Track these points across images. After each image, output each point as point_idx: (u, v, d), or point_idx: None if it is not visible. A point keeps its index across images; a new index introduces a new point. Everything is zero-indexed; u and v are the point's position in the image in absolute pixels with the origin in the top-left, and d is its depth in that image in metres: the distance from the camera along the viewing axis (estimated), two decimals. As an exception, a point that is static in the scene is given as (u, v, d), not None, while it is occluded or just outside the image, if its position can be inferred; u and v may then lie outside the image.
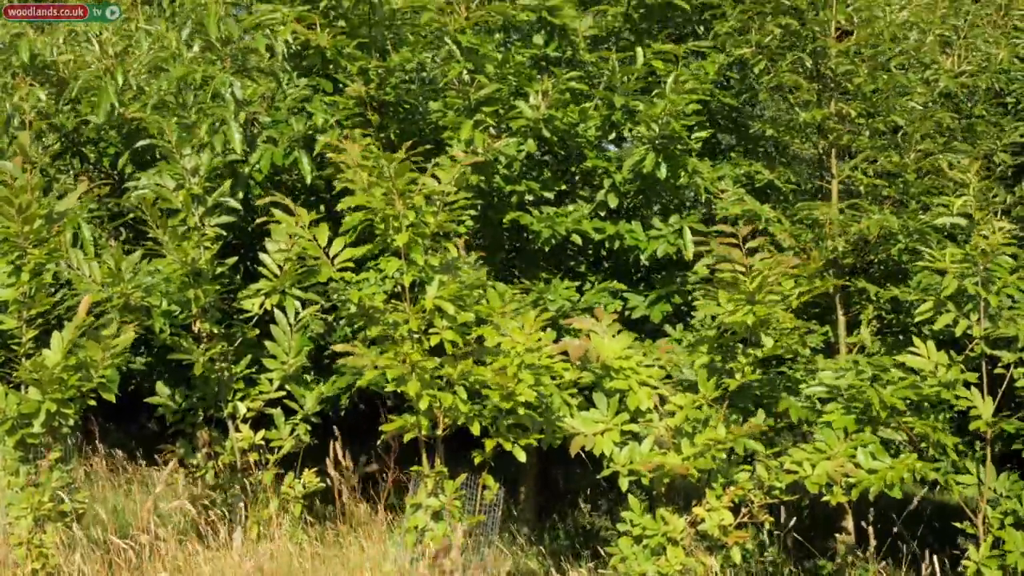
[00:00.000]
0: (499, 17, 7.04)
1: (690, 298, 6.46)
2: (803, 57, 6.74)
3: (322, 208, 6.66)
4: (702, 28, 7.84)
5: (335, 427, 6.19)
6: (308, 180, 6.33)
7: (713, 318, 5.60)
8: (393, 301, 5.54)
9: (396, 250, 5.42)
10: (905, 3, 6.85)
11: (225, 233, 6.11)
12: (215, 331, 6.04)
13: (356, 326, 5.97)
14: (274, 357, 6.05)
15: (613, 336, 5.62)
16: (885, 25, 6.66)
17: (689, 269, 6.82)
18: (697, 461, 5.17)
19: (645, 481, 5.28)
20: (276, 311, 5.95)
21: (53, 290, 5.94)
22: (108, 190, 7.34)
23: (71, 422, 5.29)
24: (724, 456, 5.27)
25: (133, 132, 6.79)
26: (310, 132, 6.38)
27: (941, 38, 6.79)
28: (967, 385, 5.56)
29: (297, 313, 5.96)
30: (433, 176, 5.53)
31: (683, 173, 6.72)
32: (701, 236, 6.52)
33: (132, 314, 5.79)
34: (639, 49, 6.85)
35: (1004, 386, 5.64)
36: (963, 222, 5.77)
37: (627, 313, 6.87)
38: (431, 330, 5.44)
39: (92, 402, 5.33)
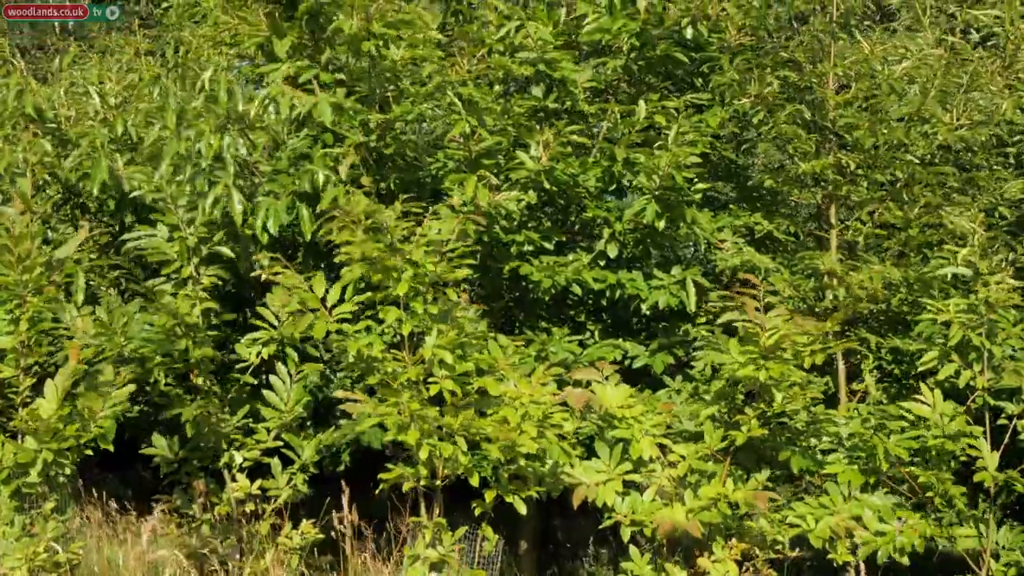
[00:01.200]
0: (500, 70, 7.09)
1: (692, 349, 6.45)
2: (801, 109, 6.79)
3: (322, 264, 6.66)
4: (700, 80, 7.90)
5: (343, 480, 6.14)
6: (308, 237, 6.30)
7: (715, 369, 5.59)
8: (392, 351, 5.53)
9: (395, 299, 5.41)
10: (905, 55, 6.91)
11: (220, 282, 6.10)
12: (211, 382, 6.02)
13: (355, 375, 5.94)
14: (271, 407, 6.02)
15: (615, 386, 5.61)
16: (884, 78, 6.71)
17: (691, 321, 6.81)
18: (701, 515, 5.13)
19: (647, 532, 5.24)
20: (278, 363, 5.94)
21: (51, 338, 5.92)
22: (107, 239, 7.35)
23: (68, 471, 5.24)
24: (729, 510, 5.23)
25: (132, 189, 6.83)
26: (313, 190, 6.37)
27: (943, 92, 6.83)
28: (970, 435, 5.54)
29: (296, 364, 5.95)
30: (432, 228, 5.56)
31: (683, 224, 6.74)
32: (703, 288, 6.53)
33: (127, 365, 5.77)
34: (641, 102, 6.89)
35: (1007, 438, 5.62)
36: (967, 272, 5.79)
37: (627, 363, 6.85)
38: (430, 380, 5.42)
39: (89, 452, 5.29)
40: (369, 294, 5.55)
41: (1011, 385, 5.53)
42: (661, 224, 6.59)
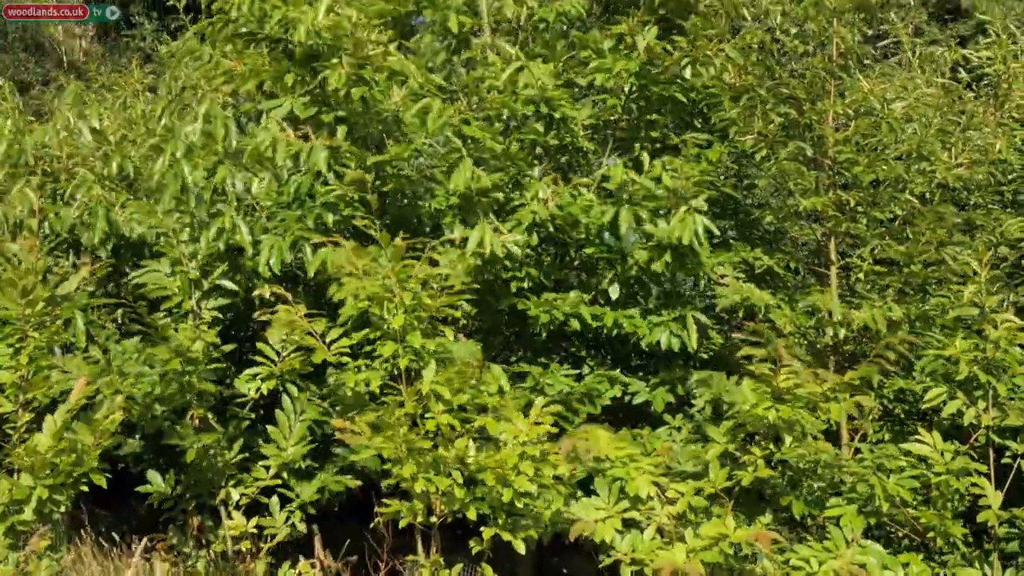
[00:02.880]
0: (501, 108, 7.10)
1: (690, 386, 6.42)
2: (803, 147, 6.81)
3: (322, 299, 6.64)
4: (699, 120, 7.93)
5: (315, 525, 6.10)
6: (311, 273, 6.31)
7: (716, 411, 5.54)
8: (390, 384, 5.51)
9: (393, 334, 5.40)
10: (903, 92, 6.95)
11: (222, 316, 6.08)
12: (209, 416, 5.98)
13: (352, 413, 5.92)
14: (273, 442, 5.97)
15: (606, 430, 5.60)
16: (884, 116, 6.74)
17: (691, 358, 6.78)
18: (703, 554, 5.07)
19: (648, 572, 5.17)
20: (283, 396, 5.91)
21: (47, 372, 5.89)
22: (104, 273, 7.32)
23: (63, 508, 5.19)
24: (731, 550, 5.17)
25: (130, 231, 6.83)
26: (318, 226, 6.38)
27: (940, 131, 6.87)
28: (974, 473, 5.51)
29: (299, 401, 5.93)
30: (431, 261, 5.56)
31: (687, 264, 6.74)
32: (703, 326, 6.51)
33: (125, 401, 5.73)
34: (656, 162, 6.87)
35: (1011, 477, 5.59)
36: (974, 311, 5.79)
37: (627, 399, 6.82)
38: (427, 415, 5.39)
39: (84, 488, 5.24)
40: (367, 330, 5.54)
41: (1016, 423, 5.52)
42: (669, 272, 6.60)
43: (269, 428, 5.97)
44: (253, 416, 6.11)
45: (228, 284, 6.09)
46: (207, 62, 6.96)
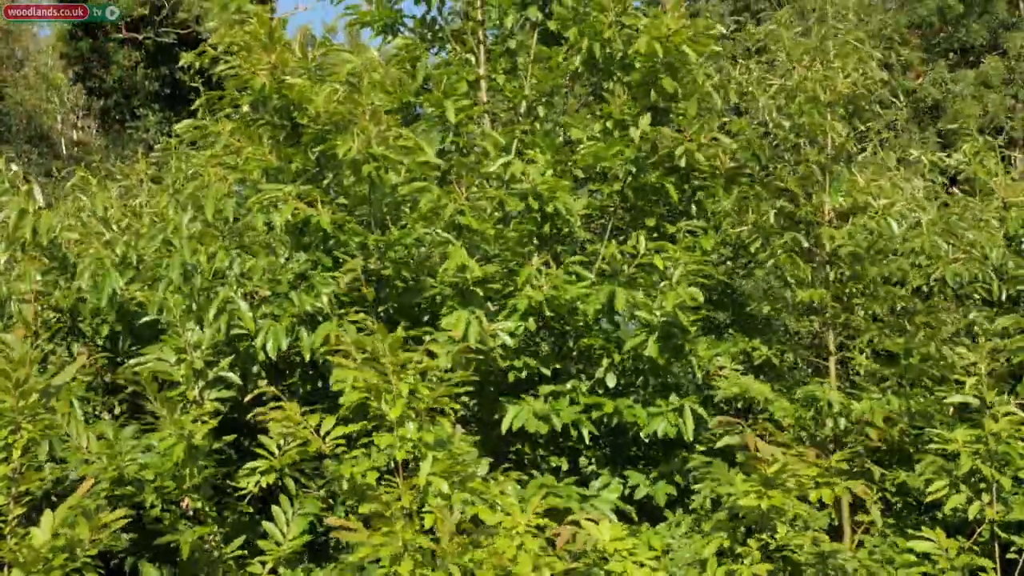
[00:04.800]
0: (496, 200, 7.16)
1: (692, 480, 6.36)
2: (799, 237, 6.87)
3: (319, 383, 6.61)
4: (694, 207, 8.00)
5: None
6: (307, 358, 6.31)
7: (715, 502, 5.48)
8: (386, 477, 5.45)
9: (389, 425, 5.36)
10: (895, 191, 7.04)
11: (223, 408, 6.05)
12: (207, 509, 5.90)
13: (349, 504, 5.85)
14: (270, 538, 5.88)
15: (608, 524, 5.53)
16: (881, 214, 6.80)
17: (690, 449, 6.73)
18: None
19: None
20: (281, 494, 5.84)
21: (41, 463, 5.83)
22: (104, 362, 7.30)
23: (53, 605, 5.07)
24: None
25: (132, 310, 6.82)
26: (314, 312, 6.39)
27: (934, 225, 6.93)
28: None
29: (297, 497, 5.87)
30: (429, 352, 5.55)
31: (684, 354, 6.73)
32: (701, 417, 6.48)
33: (123, 488, 5.67)
34: (641, 238, 6.94)
35: (1017, 573, 5.51)
36: (975, 402, 5.77)
37: (627, 492, 6.75)
38: (424, 509, 5.32)
39: (73, 585, 5.13)
40: (363, 423, 5.51)
41: (1021, 518, 5.44)
42: (663, 358, 6.60)
43: (265, 524, 5.89)
44: (252, 510, 6.03)
45: (233, 377, 6.08)
46: (213, 147, 7.05)
